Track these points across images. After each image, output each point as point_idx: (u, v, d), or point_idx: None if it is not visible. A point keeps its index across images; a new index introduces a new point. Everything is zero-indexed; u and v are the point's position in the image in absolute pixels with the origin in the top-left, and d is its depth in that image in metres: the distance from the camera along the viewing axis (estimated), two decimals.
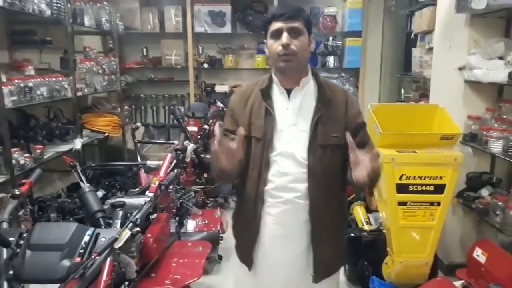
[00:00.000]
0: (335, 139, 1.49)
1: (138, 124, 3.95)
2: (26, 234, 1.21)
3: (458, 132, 2.34)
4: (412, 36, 3.82)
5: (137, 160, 3.34)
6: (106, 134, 4.10)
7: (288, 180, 1.49)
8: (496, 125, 2.57)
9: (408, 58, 4.01)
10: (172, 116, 4.90)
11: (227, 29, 4.95)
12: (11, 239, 1.19)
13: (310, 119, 1.48)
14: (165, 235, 2.26)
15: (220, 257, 3.05)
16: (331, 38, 4.95)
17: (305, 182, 1.48)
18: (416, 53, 3.64)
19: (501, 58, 2.53)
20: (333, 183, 1.53)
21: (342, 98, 1.55)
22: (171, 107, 5.01)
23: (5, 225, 1.27)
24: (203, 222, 3.01)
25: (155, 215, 2.31)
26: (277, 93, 1.53)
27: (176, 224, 2.83)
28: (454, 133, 2.34)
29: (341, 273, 2.91)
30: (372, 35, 4.94)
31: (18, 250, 1.17)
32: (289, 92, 1.52)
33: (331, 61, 5.01)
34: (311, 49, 1.50)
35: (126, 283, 1.87)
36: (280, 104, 1.51)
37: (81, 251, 1.18)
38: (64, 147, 3.33)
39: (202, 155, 3.72)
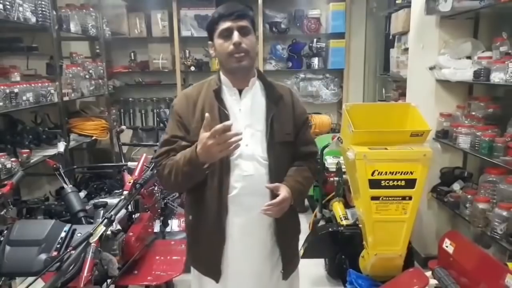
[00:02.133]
0: (288, 136, 1.52)
1: (123, 127, 4.03)
2: (6, 231, 1.30)
3: (427, 129, 2.43)
4: (390, 37, 3.94)
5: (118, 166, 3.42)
6: (93, 137, 4.17)
7: (251, 183, 1.46)
8: (466, 122, 2.68)
9: (387, 59, 4.13)
10: (158, 119, 4.98)
11: None
12: None
13: (264, 118, 1.49)
14: (147, 233, 2.35)
15: None
16: (315, 40, 5.07)
17: (267, 183, 1.46)
18: (393, 54, 3.75)
19: (469, 57, 2.64)
20: None
21: (288, 97, 1.58)
22: (158, 110, 5.09)
23: None
24: None
25: (138, 214, 2.41)
26: (228, 94, 1.51)
27: (161, 223, 2.92)
28: (423, 130, 2.43)
29: (321, 267, 3.03)
30: (355, 37, 5.06)
31: None
32: (239, 92, 1.51)
33: (315, 62, 5.12)
34: (257, 49, 1.52)
35: (109, 280, 1.96)
36: (233, 105, 1.49)
37: (58, 246, 1.26)
38: (51, 151, 3.38)
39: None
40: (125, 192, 1.93)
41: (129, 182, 1.96)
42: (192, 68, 5.24)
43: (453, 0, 2.42)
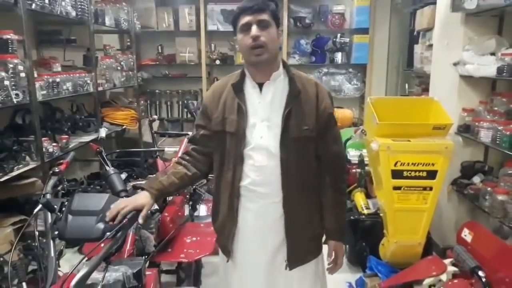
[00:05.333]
0: (307, 131, 1.51)
1: (155, 116, 4.21)
2: (66, 202, 1.46)
3: (449, 122, 2.52)
4: (415, 33, 3.99)
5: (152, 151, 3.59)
6: (124, 126, 4.36)
7: (263, 174, 1.51)
8: (488, 117, 2.74)
9: (411, 54, 4.19)
10: (186, 109, 5.14)
11: None
12: (54, 207, 1.44)
13: (281, 113, 1.50)
14: (179, 215, 2.51)
15: None
16: (339, 35, 5.14)
17: (279, 175, 1.51)
18: (417, 50, 3.81)
19: (493, 54, 2.70)
20: (306, 175, 1.55)
21: (313, 90, 1.55)
22: (185, 102, 5.25)
23: (48, 196, 1.52)
24: None
25: (171, 197, 2.57)
26: (249, 87, 1.54)
27: (190, 208, 3.07)
28: (445, 123, 2.52)
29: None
30: (379, 32, 5.11)
31: (60, 215, 1.42)
32: (261, 86, 1.53)
33: (339, 57, 5.20)
34: (279, 42, 1.52)
35: (145, 256, 2.12)
36: (252, 99, 1.53)
37: None
38: (86, 138, 3.59)
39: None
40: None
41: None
42: (217, 62, 5.38)
43: None
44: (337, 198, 1.64)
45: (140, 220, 1.42)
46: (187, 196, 3.12)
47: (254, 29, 1.42)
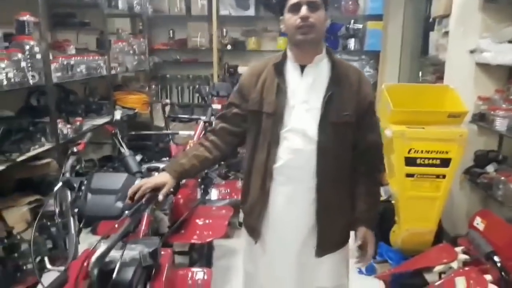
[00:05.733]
0: (347, 117, 1.49)
1: (167, 100, 4.23)
2: (86, 181, 1.48)
3: (464, 110, 2.50)
4: (431, 20, 3.93)
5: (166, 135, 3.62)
6: (135, 110, 4.38)
7: (298, 157, 1.50)
8: (504, 105, 2.71)
9: (426, 42, 4.12)
10: (197, 94, 5.15)
11: (251, 11, 5.11)
12: (74, 185, 1.47)
13: (322, 96, 1.48)
14: (192, 198, 2.54)
15: (241, 224, 3.29)
16: (352, 21, 5.08)
17: (314, 160, 1.49)
18: (433, 37, 3.76)
19: (511, 41, 2.65)
20: (342, 162, 1.53)
21: (355, 77, 1.53)
22: (197, 86, 5.25)
23: (68, 175, 1.55)
24: (226, 191, 3.27)
25: (184, 180, 2.59)
26: (291, 69, 1.53)
27: (202, 191, 3.10)
28: (461, 112, 2.50)
29: (352, 240, 3.16)
30: (393, 19, 5.03)
31: (80, 193, 1.45)
32: (302, 68, 1.51)
33: (352, 43, 5.15)
34: (326, 25, 1.50)
35: (159, 237, 2.15)
36: (293, 80, 1.51)
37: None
38: (99, 121, 3.62)
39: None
40: None
41: (190, 146, 2.13)
42: (229, 47, 5.36)
43: None
44: (372, 188, 1.62)
45: (160, 197, 1.43)
46: (199, 180, 3.15)
47: (304, 10, 1.41)
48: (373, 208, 1.64)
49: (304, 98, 1.49)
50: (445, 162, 2.46)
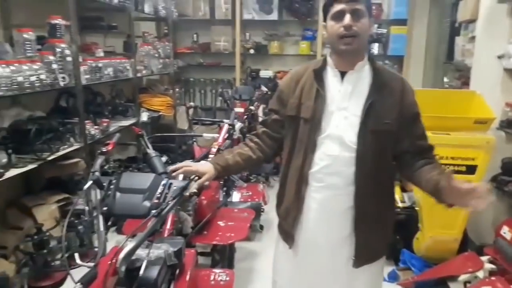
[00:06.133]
0: (387, 125, 1.45)
1: (192, 103, 4.29)
2: (114, 180, 1.52)
3: (491, 116, 2.45)
4: (457, 24, 3.87)
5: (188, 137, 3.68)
6: (160, 113, 4.45)
7: (334, 164, 1.47)
8: None
9: (451, 47, 4.06)
10: (220, 98, 5.20)
11: (274, 16, 5.16)
12: (103, 184, 1.51)
13: (362, 104, 1.45)
14: (215, 199, 2.56)
15: (262, 227, 3.33)
16: (376, 25, 5.05)
17: (352, 167, 1.45)
18: (459, 42, 3.70)
19: None
20: (381, 170, 1.48)
21: (398, 85, 1.49)
22: (220, 90, 5.31)
23: (97, 174, 1.59)
24: (247, 194, 3.29)
25: (208, 182, 2.62)
26: (331, 75, 1.51)
27: (224, 194, 3.13)
28: (487, 118, 2.46)
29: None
30: (417, 23, 4.98)
31: (109, 192, 1.49)
32: (343, 75, 1.49)
33: (375, 48, 5.12)
34: (370, 32, 1.48)
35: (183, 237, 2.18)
36: (332, 86, 1.49)
37: (158, 195, 1.46)
38: (125, 122, 3.71)
39: (246, 135, 4.00)
40: (211, 156, 2.13)
41: (214, 148, 2.16)
42: (251, 51, 5.41)
43: None
44: (435, 167, 1.48)
45: (206, 183, 1.48)
46: (221, 182, 3.18)
47: (348, 18, 1.38)
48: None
49: (343, 105, 1.47)
50: (471, 169, 2.42)
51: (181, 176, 2.19)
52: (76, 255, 1.32)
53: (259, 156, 1.64)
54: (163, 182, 1.51)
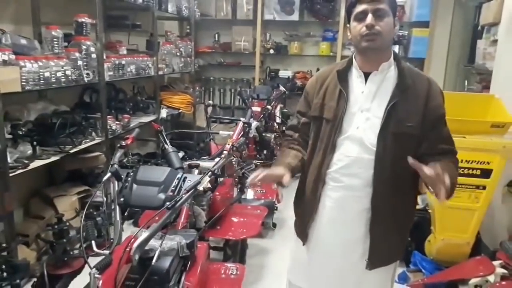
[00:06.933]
0: (410, 128, 1.41)
1: (211, 102, 4.37)
2: (132, 173, 1.60)
3: (509, 120, 2.43)
4: (479, 28, 3.83)
5: (207, 134, 3.75)
6: (180, 110, 4.55)
7: (352, 164, 1.46)
8: None
9: (473, 50, 4.02)
10: (238, 96, 5.27)
11: (295, 16, 5.20)
12: (121, 176, 1.59)
13: (385, 105, 1.42)
14: (229, 196, 2.62)
15: (274, 225, 3.37)
16: (397, 27, 5.01)
17: (371, 169, 1.43)
18: (480, 45, 3.66)
19: None
20: (401, 173, 1.43)
21: (424, 87, 1.45)
22: (239, 89, 5.37)
23: (116, 166, 1.67)
24: (261, 192, 3.35)
25: (222, 179, 2.69)
26: (355, 76, 1.50)
27: (238, 191, 3.19)
28: (505, 122, 2.43)
29: None
30: (440, 26, 4.93)
31: (126, 184, 1.56)
32: (367, 76, 1.47)
33: (396, 50, 5.06)
34: (395, 31, 1.45)
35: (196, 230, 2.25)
36: (356, 87, 1.48)
37: (173, 188, 1.53)
38: (145, 119, 3.81)
39: (263, 134, 4.05)
40: (225, 152, 2.19)
41: (228, 144, 2.23)
42: (271, 51, 5.45)
43: None
44: (450, 164, 1.44)
45: (286, 184, 1.43)
46: (236, 179, 3.24)
47: (370, 18, 1.37)
48: (452, 177, 1.32)
49: (366, 106, 1.46)
50: (486, 173, 2.40)
51: (196, 171, 2.28)
52: (93, 243, 1.40)
53: (305, 159, 1.60)
54: (178, 175, 1.58)
